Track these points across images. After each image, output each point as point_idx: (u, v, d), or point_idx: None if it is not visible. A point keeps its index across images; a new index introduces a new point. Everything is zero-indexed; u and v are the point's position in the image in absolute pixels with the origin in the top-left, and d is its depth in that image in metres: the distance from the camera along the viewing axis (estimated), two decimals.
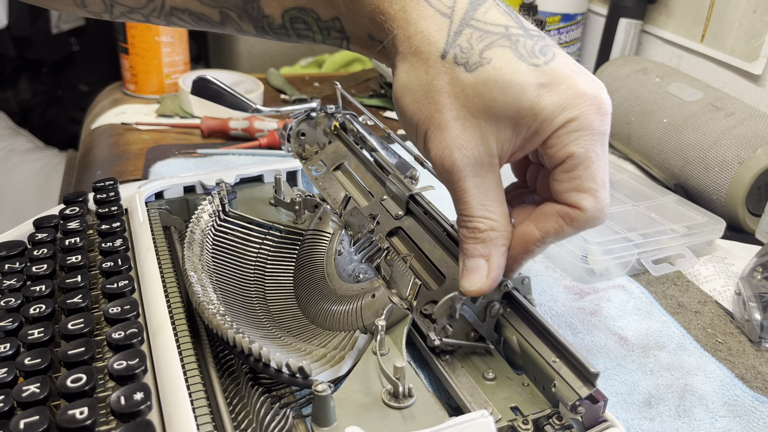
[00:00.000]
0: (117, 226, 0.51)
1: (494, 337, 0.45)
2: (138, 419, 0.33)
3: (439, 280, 0.48)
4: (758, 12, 0.86)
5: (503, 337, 0.45)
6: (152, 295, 0.44)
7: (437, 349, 0.44)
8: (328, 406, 0.37)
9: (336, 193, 0.60)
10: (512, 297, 0.44)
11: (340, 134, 0.67)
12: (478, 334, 0.45)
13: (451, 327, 0.44)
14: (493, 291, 0.42)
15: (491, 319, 0.44)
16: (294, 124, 0.66)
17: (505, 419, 0.39)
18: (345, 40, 0.43)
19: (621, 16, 1.03)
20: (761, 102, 0.87)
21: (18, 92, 1.95)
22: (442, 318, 0.43)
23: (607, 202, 0.39)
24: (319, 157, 0.66)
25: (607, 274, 0.64)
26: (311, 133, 0.67)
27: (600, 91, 0.38)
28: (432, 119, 0.39)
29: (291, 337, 0.48)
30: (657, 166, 0.85)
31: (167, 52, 1.03)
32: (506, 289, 0.43)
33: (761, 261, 0.60)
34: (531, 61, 0.37)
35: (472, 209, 0.40)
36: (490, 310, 0.44)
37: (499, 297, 0.44)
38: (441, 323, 0.44)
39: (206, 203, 0.55)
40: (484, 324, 0.45)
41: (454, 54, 0.38)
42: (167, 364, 0.38)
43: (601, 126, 0.38)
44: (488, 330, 0.45)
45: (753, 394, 0.50)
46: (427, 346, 0.45)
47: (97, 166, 0.84)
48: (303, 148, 0.68)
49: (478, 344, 0.45)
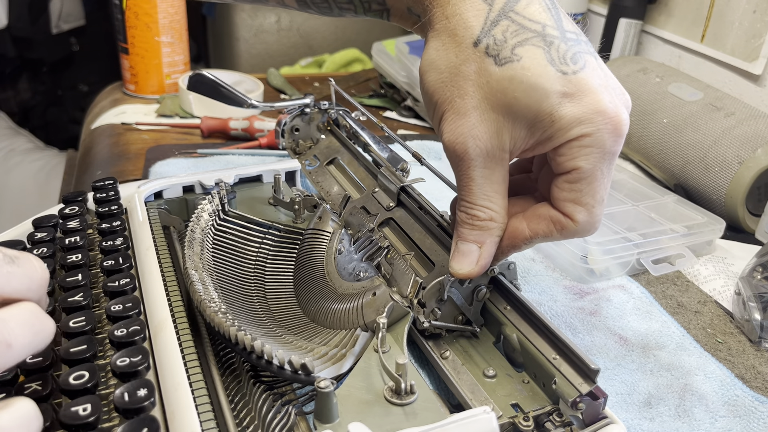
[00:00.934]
0: (117, 224, 0.51)
1: (480, 320, 0.47)
2: (142, 415, 0.33)
3: (429, 268, 0.49)
4: (758, 12, 0.86)
5: (503, 335, 0.45)
6: (153, 293, 0.44)
7: (426, 332, 0.46)
8: (330, 402, 0.37)
9: (329, 186, 0.61)
10: (499, 282, 0.46)
11: (333, 130, 0.67)
12: (465, 317, 0.46)
13: (439, 310, 0.45)
14: (480, 276, 0.43)
15: (478, 303, 0.46)
16: (288, 119, 0.67)
17: (506, 416, 0.39)
18: (385, 12, 0.44)
19: (621, 16, 1.03)
20: (761, 102, 0.87)
21: (18, 92, 1.95)
22: (431, 301, 0.45)
23: (600, 218, 0.40)
24: (312, 152, 0.67)
25: (607, 274, 0.64)
26: (305, 128, 0.68)
27: (620, 112, 0.38)
28: (452, 102, 0.39)
29: (292, 336, 0.48)
30: (657, 166, 0.86)
31: (167, 52, 1.03)
32: (493, 273, 0.45)
33: (761, 261, 0.61)
34: (560, 68, 0.37)
35: (475, 197, 0.41)
36: (477, 294, 0.46)
37: (486, 281, 0.46)
38: (430, 306, 0.45)
39: (206, 203, 0.55)
40: (471, 308, 0.46)
41: (486, 44, 0.38)
42: (169, 362, 0.38)
43: (613, 146, 0.38)
44: (475, 313, 0.47)
45: (753, 394, 0.50)
46: (416, 329, 0.46)
47: (97, 166, 0.84)
48: (297, 143, 0.68)
49: (465, 327, 0.46)
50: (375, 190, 0.58)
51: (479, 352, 0.46)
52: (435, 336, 0.46)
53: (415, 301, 0.46)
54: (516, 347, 0.43)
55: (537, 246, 0.67)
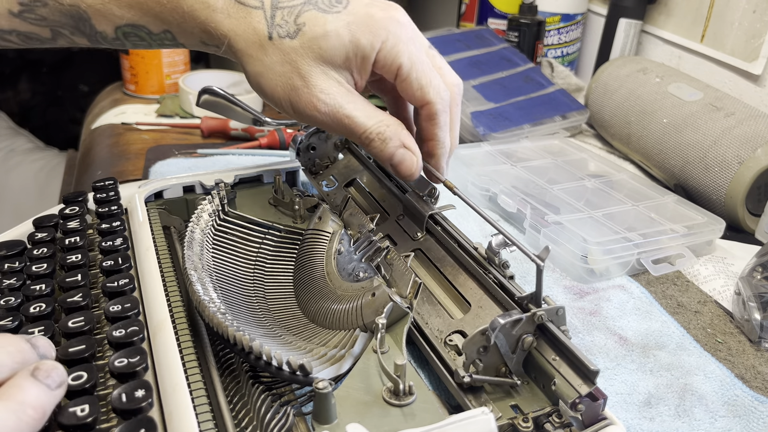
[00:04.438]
0: (117, 225, 0.51)
1: (521, 372, 0.42)
2: (139, 416, 0.33)
3: (463, 307, 0.47)
4: (758, 12, 0.86)
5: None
6: (152, 294, 0.44)
7: (465, 385, 0.41)
8: (329, 403, 0.37)
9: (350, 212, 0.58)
10: (546, 328, 0.41)
11: (352, 148, 0.65)
12: (508, 368, 0.42)
13: (481, 362, 0.40)
14: (527, 323, 0.40)
15: (522, 353, 0.41)
16: (304, 137, 0.64)
17: (505, 417, 0.39)
18: (181, 46, 0.50)
19: (621, 16, 1.03)
20: (761, 102, 0.87)
21: (18, 92, 1.95)
22: (472, 352, 0.40)
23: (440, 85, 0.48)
24: (329, 172, 0.64)
25: (606, 274, 0.64)
26: (321, 146, 0.65)
27: (392, 11, 0.47)
28: (289, 87, 0.47)
29: (291, 336, 0.48)
30: (657, 166, 0.85)
31: (167, 52, 1.03)
32: (540, 321, 0.40)
33: (761, 261, 0.60)
34: (333, 11, 0.46)
35: (364, 125, 0.47)
36: (523, 342, 0.41)
37: (532, 329, 0.41)
38: (471, 358, 0.40)
39: (206, 203, 0.55)
40: (514, 356, 0.41)
41: (277, 33, 0.46)
42: (168, 362, 0.38)
43: (406, 34, 0.47)
44: (516, 364, 0.42)
45: (753, 394, 0.50)
46: (454, 382, 0.41)
47: (97, 166, 0.84)
48: (313, 162, 0.65)
49: (506, 380, 0.41)
50: (400, 216, 0.55)
51: None
52: (474, 389, 0.41)
53: (447, 341, 0.43)
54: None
55: (537, 246, 0.67)
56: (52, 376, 0.31)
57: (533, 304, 0.42)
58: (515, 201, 0.70)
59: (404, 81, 0.48)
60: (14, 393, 0.30)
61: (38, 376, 0.31)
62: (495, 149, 0.83)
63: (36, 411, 0.30)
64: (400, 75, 0.47)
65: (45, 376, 0.31)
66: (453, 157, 0.64)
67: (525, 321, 0.40)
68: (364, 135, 0.48)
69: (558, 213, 0.68)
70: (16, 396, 0.30)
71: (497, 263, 0.46)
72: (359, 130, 0.47)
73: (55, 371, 0.31)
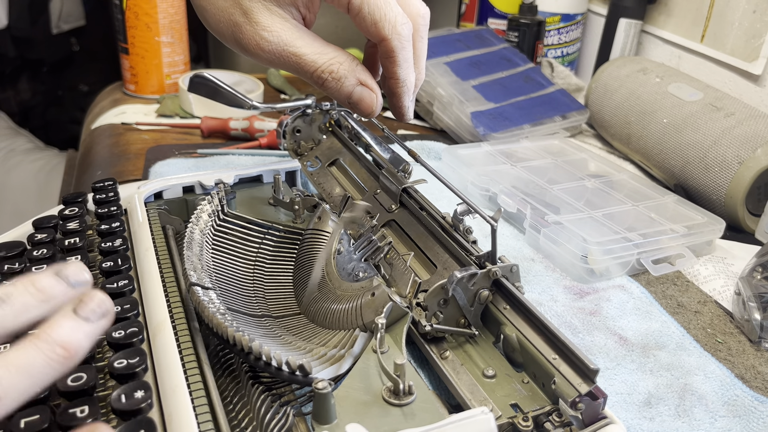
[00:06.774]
0: (117, 226, 0.51)
1: (480, 324, 0.47)
2: (139, 417, 0.33)
3: (430, 270, 0.49)
4: (758, 12, 0.86)
5: (503, 335, 0.45)
6: (152, 295, 0.44)
7: (428, 335, 0.45)
8: (328, 403, 0.37)
9: (331, 188, 0.61)
10: (501, 284, 0.45)
11: (335, 130, 0.67)
12: (467, 321, 0.46)
13: (441, 314, 0.45)
14: (482, 278, 0.44)
15: (479, 306, 0.46)
16: (289, 120, 0.67)
17: (505, 416, 0.39)
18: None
19: (621, 16, 1.03)
20: (761, 102, 0.87)
21: (18, 92, 1.95)
22: (433, 303, 0.45)
23: (398, 18, 0.45)
24: (314, 153, 0.67)
25: (606, 274, 0.64)
26: (306, 129, 0.68)
27: None
28: (232, 23, 0.46)
29: (291, 336, 0.48)
30: (657, 166, 0.85)
31: (167, 52, 1.03)
32: (495, 276, 0.45)
33: (761, 261, 0.60)
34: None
35: (314, 63, 0.46)
36: (479, 296, 0.45)
37: (488, 284, 0.45)
38: (432, 309, 0.45)
39: (205, 203, 0.55)
40: (473, 309, 0.46)
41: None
42: (167, 363, 0.38)
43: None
44: (475, 316, 0.46)
45: (753, 393, 0.50)
46: (418, 332, 0.46)
47: (97, 166, 0.84)
48: (298, 144, 0.68)
49: (465, 330, 0.46)
50: (377, 192, 0.58)
51: (479, 352, 0.45)
52: (436, 339, 0.46)
53: (415, 302, 0.46)
54: (515, 347, 0.43)
55: (537, 246, 0.67)
56: (91, 307, 0.30)
57: (489, 261, 0.45)
58: (515, 201, 0.70)
59: (357, 16, 0.45)
60: (45, 330, 0.28)
61: (78, 311, 0.29)
62: (495, 149, 0.83)
63: (67, 349, 0.28)
64: (352, 9, 0.45)
65: (83, 309, 0.29)
66: (453, 156, 0.64)
67: (480, 276, 0.44)
68: (315, 74, 0.46)
69: (558, 213, 0.68)
70: (47, 334, 0.28)
71: (462, 230, 0.49)
72: (309, 68, 0.46)
73: (92, 302, 0.30)
